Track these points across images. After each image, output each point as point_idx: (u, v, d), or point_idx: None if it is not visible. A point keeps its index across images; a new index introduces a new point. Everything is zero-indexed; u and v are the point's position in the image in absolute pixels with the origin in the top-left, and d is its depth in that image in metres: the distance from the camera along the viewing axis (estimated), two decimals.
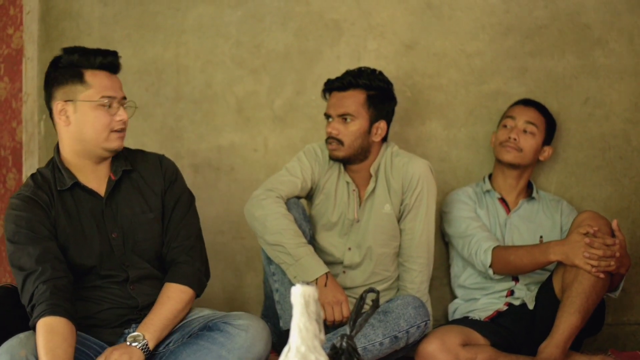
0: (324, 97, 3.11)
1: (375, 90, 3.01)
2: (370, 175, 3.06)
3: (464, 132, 3.46)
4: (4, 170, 3.65)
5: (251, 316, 2.40)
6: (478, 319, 3.09)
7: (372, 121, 3.01)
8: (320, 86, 3.12)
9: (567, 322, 2.76)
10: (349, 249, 3.05)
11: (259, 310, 3.20)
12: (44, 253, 2.33)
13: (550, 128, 3.24)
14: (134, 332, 2.38)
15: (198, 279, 2.53)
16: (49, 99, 2.49)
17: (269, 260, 2.88)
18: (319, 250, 2.98)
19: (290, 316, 2.55)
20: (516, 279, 3.12)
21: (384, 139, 3.09)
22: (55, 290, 2.27)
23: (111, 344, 2.41)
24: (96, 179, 2.50)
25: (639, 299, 3.41)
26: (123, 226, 2.49)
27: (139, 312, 2.47)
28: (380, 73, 3.06)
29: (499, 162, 3.23)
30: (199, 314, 2.50)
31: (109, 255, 2.46)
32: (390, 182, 3.04)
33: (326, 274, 2.77)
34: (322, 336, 1.58)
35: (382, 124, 3.03)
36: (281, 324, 2.84)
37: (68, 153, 2.49)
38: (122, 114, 2.45)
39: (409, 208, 3.02)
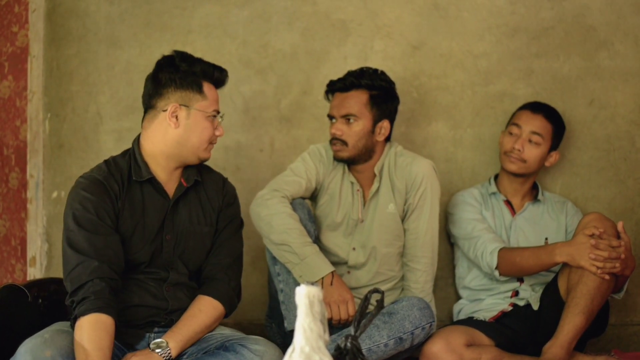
0: (327, 98, 3.11)
1: (377, 90, 3.01)
2: (374, 175, 3.06)
3: (470, 133, 3.46)
4: (7, 170, 3.65)
5: (268, 343, 2.39)
6: (483, 319, 3.09)
7: (376, 121, 3.01)
8: None
9: (571, 323, 2.76)
10: (354, 249, 3.05)
11: (264, 310, 3.20)
12: (106, 247, 2.34)
13: (557, 134, 3.22)
14: (156, 336, 2.40)
15: (230, 298, 2.54)
16: (157, 96, 2.48)
17: (274, 261, 2.89)
18: (323, 250, 2.97)
19: (294, 316, 2.56)
20: (521, 280, 3.13)
21: (388, 139, 3.09)
22: (112, 291, 2.29)
23: (130, 345, 2.40)
24: (168, 181, 2.53)
25: None
26: (178, 231, 2.51)
27: (165, 316, 2.46)
28: (382, 72, 3.05)
29: (503, 169, 3.24)
30: (219, 331, 2.50)
31: (158, 254, 2.48)
32: (394, 182, 3.04)
33: (332, 272, 2.78)
34: (327, 337, 1.58)
35: (385, 124, 3.03)
36: (286, 325, 2.85)
37: (155, 150, 2.49)
38: (221, 129, 2.55)
39: (412, 207, 3.02)
